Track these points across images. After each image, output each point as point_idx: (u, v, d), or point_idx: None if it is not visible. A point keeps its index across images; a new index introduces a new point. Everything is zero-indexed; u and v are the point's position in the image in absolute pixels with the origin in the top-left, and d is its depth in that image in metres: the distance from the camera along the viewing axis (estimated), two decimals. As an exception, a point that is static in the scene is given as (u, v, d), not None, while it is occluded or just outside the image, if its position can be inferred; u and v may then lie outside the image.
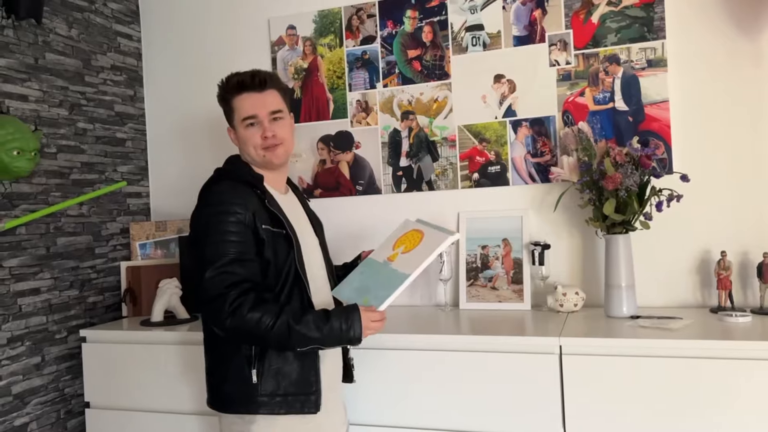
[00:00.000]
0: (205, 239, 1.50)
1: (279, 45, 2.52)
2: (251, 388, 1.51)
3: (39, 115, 2.21)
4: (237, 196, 1.54)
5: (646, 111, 2.07)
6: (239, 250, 1.49)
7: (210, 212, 1.52)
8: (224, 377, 1.56)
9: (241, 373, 1.52)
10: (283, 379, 1.52)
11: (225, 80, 1.66)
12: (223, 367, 1.57)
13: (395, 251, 1.66)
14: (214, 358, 1.60)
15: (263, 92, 1.62)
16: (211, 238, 1.49)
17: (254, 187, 1.59)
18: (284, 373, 1.53)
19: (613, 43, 2.11)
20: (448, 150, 2.30)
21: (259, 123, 1.61)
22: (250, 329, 1.44)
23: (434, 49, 2.31)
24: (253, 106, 1.61)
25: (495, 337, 1.78)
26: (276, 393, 1.52)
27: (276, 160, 1.64)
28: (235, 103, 1.63)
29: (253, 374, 1.51)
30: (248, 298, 1.44)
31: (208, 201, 1.55)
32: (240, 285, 1.45)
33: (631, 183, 1.84)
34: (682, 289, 2.06)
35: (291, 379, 1.53)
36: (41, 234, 2.20)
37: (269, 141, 1.61)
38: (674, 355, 1.62)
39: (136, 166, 2.66)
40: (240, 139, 1.64)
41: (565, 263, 2.18)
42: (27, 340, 2.13)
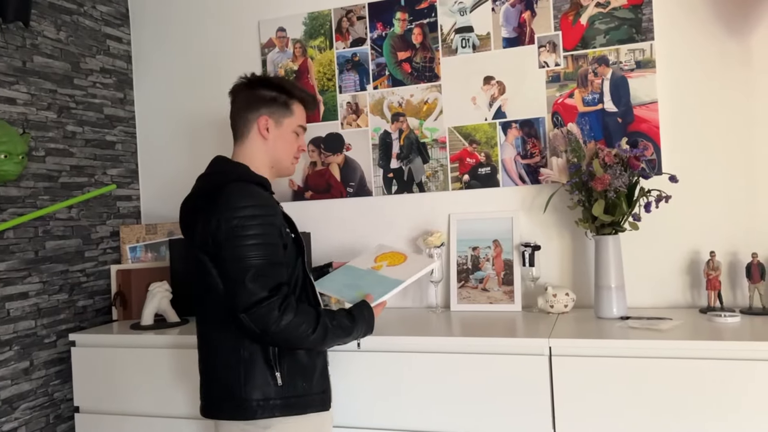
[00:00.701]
0: (243, 241, 1.46)
1: (269, 47, 2.51)
2: (277, 392, 1.51)
3: (27, 118, 2.19)
4: (269, 199, 1.56)
5: (635, 112, 2.08)
6: (277, 253, 1.49)
7: (249, 214, 1.48)
8: (246, 386, 1.51)
9: (262, 379, 1.50)
10: (305, 380, 1.55)
11: (290, 83, 1.73)
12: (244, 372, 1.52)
13: (379, 263, 1.79)
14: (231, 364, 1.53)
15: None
16: (252, 241, 1.47)
17: (267, 190, 1.61)
18: (304, 374, 1.55)
19: (601, 44, 2.12)
20: (438, 152, 2.30)
21: (302, 135, 1.73)
22: (294, 331, 1.45)
23: (424, 51, 2.31)
24: (305, 120, 1.73)
25: (485, 339, 1.78)
26: (298, 394, 1.53)
27: (292, 172, 1.74)
28: (296, 108, 1.69)
29: (277, 377, 1.51)
30: (290, 301, 1.46)
31: (243, 203, 1.49)
32: (282, 288, 1.46)
33: (619, 184, 1.84)
34: (671, 290, 2.06)
35: (313, 378, 1.57)
36: (30, 238, 2.18)
37: (299, 153, 1.72)
38: (664, 356, 1.62)
39: (126, 169, 2.65)
40: (282, 137, 1.66)
41: (556, 264, 2.18)
42: (15, 345, 2.12)
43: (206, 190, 1.57)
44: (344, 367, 1.86)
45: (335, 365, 1.81)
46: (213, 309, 1.54)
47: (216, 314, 1.53)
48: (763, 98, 1.98)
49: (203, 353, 1.60)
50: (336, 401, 1.83)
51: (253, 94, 1.65)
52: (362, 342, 1.82)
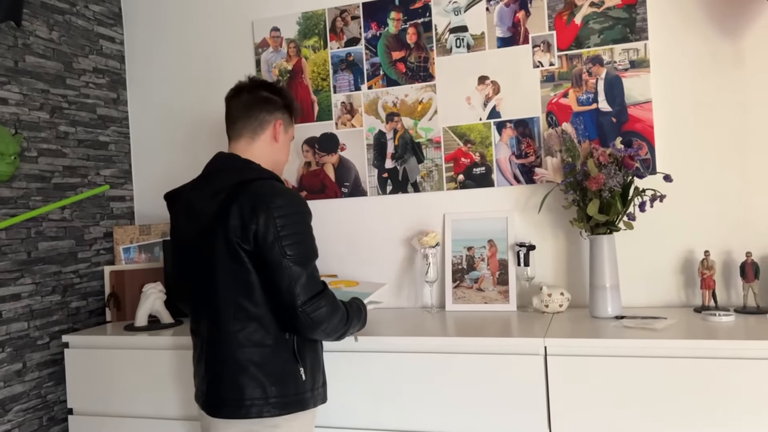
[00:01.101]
0: (301, 237, 1.55)
1: (263, 47, 2.50)
2: (302, 386, 1.57)
3: (19, 118, 2.18)
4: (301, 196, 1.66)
5: (629, 112, 2.08)
6: (316, 248, 1.61)
7: (299, 211, 1.57)
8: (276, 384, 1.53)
9: (287, 374, 1.55)
10: (318, 373, 1.64)
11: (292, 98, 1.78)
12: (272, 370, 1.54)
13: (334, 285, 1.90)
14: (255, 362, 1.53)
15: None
16: (306, 237, 1.57)
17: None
18: (317, 368, 1.64)
19: (596, 44, 2.12)
20: (433, 152, 2.30)
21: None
22: (339, 322, 1.57)
23: (418, 50, 2.31)
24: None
25: (481, 339, 1.78)
26: (314, 387, 1.61)
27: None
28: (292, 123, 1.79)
29: (301, 372, 1.57)
30: (332, 294, 1.58)
31: (287, 201, 1.54)
32: (327, 284, 1.60)
33: (614, 183, 1.85)
34: (666, 289, 2.07)
35: (321, 371, 1.66)
36: (22, 239, 2.17)
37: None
38: (658, 355, 1.62)
39: (119, 169, 2.64)
40: (285, 144, 1.75)
41: (550, 264, 2.18)
42: (8, 347, 2.10)
43: (226, 187, 1.55)
44: (339, 368, 1.85)
45: (328, 366, 1.80)
46: (243, 306, 1.52)
47: (245, 311, 1.52)
48: (756, 98, 1.99)
49: (216, 351, 1.56)
50: (331, 402, 1.83)
51: (269, 97, 1.69)
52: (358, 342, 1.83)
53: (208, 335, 1.58)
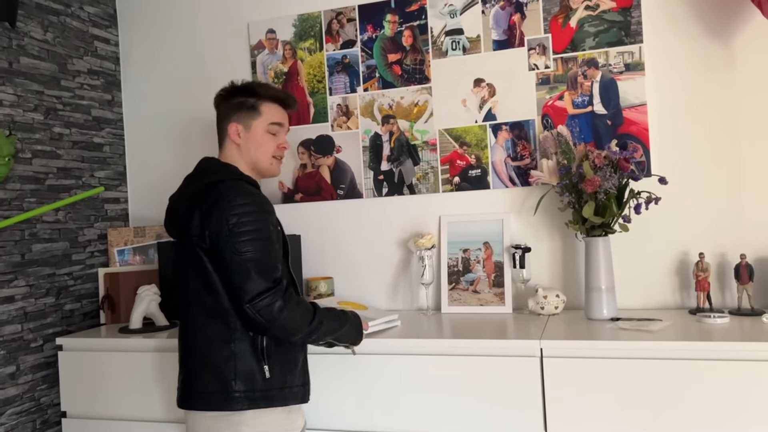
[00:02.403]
0: (244, 237, 1.52)
1: (258, 49, 2.50)
2: (266, 383, 1.56)
3: (13, 119, 2.17)
4: (262, 196, 1.61)
5: (624, 114, 2.09)
6: (273, 248, 1.56)
7: (245, 210, 1.53)
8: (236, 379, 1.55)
9: (251, 371, 1.55)
10: (288, 373, 1.60)
11: (256, 83, 1.75)
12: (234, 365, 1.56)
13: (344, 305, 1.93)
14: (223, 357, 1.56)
15: (287, 111, 1.77)
16: (252, 236, 1.53)
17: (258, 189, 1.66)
18: (288, 368, 1.60)
19: (591, 47, 2.13)
20: (429, 154, 2.30)
21: (279, 134, 1.72)
22: (294, 322, 1.52)
23: (414, 53, 2.31)
24: (282, 116, 1.73)
25: (476, 341, 1.78)
26: (283, 386, 1.58)
27: (276, 172, 1.74)
28: (264, 107, 1.70)
29: (265, 370, 1.56)
30: (291, 295, 1.54)
31: (240, 200, 1.54)
32: (281, 282, 1.53)
33: (609, 186, 1.85)
34: (661, 291, 2.07)
35: (295, 372, 1.62)
36: (16, 241, 2.16)
37: (281, 152, 1.73)
38: (654, 357, 1.63)
39: (114, 171, 2.63)
40: (254, 140, 1.68)
41: (546, 266, 2.18)
42: (1, 349, 2.09)
43: (199, 189, 1.60)
44: (336, 370, 1.85)
45: (327, 369, 1.80)
46: (207, 304, 1.57)
47: (209, 309, 1.57)
48: (747, 100, 2.00)
49: (189, 347, 1.62)
50: (327, 404, 1.84)
51: (225, 103, 1.72)
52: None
53: (182, 332, 1.65)
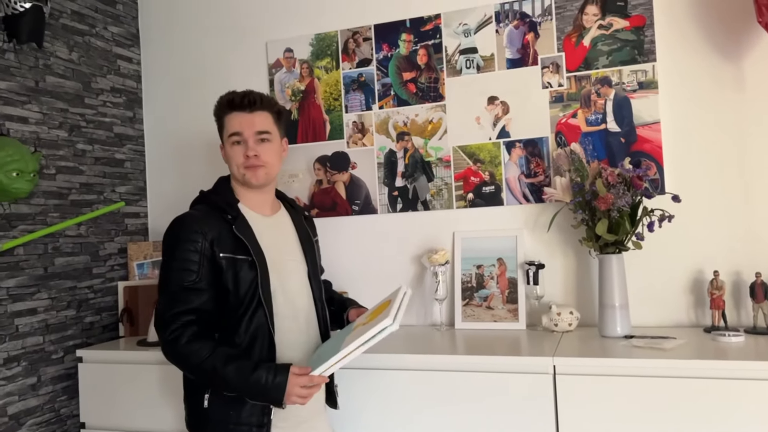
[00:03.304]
0: (166, 264, 1.56)
1: (276, 67, 2.55)
2: (204, 412, 1.55)
3: (39, 136, 2.23)
4: (198, 223, 1.57)
5: (638, 132, 2.10)
6: (192, 279, 1.52)
7: (172, 240, 1.57)
8: (189, 399, 1.61)
9: (198, 396, 1.56)
10: (233, 408, 1.53)
11: (220, 98, 1.71)
12: (189, 389, 1.62)
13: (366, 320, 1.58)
14: (184, 381, 1.64)
15: (252, 113, 1.66)
16: (171, 264, 1.55)
17: (225, 212, 1.61)
18: (235, 402, 1.52)
19: (604, 65, 2.14)
20: (443, 170, 2.32)
21: (244, 141, 1.65)
22: (183, 361, 1.50)
23: (429, 71, 2.34)
24: (240, 124, 1.65)
25: (489, 357, 1.79)
26: (227, 421, 1.53)
27: (255, 180, 1.66)
28: (225, 120, 1.68)
29: (205, 399, 1.54)
30: (188, 330, 1.49)
31: (173, 227, 1.60)
32: (185, 315, 1.50)
33: (623, 203, 1.86)
34: (675, 309, 2.07)
35: (242, 408, 1.52)
36: (39, 254, 2.21)
37: (251, 161, 1.64)
38: (668, 375, 1.62)
39: (134, 186, 2.69)
40: (227, 155, 1.70)
41: (560, 283, 2.19)
42: (23, 361, 2.14)
43: None
44: (346, 385, 1.86)
45: (336, 382, 1.81)
46: None
47: None
48: (759, 119, 2.00)
49: None
50: (338, 418, 1.84)
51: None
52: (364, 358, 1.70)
53: None
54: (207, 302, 1.54)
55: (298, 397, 1.47)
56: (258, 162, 1.64)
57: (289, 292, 1.65)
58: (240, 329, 1.56)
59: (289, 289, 1.65)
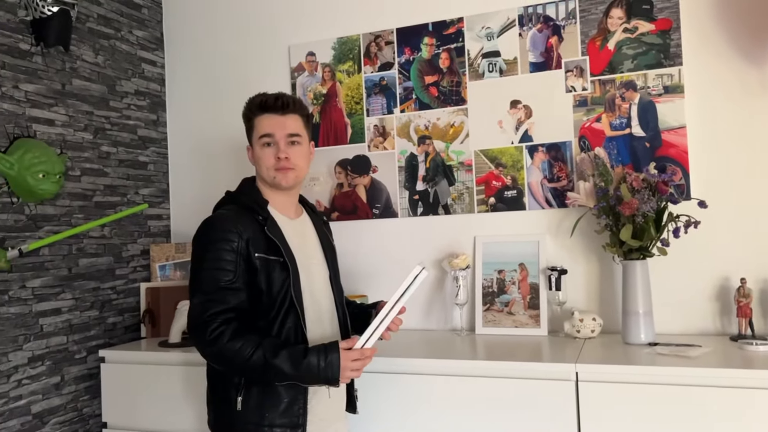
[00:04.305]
0: (199, 265, 1.55)
1: (299, 71, 2.56)
2: (236, 414, 1.53)
3: (65, 139, 2.26)
4: (233, 223, 1.56)
5: (663, 137, 2.07)
6: (229, 279, 1.51)
7: (206, 239, 1.56)
8: (217, 402, 1.59)
9: (228, 399, 1.54)
10: (268, 410, 1.52)
11: (250, 99, 1.71)
12: (216, 391, 1.60)
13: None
14: (210, 383, 1.63)
15: (284, 115, 1.66)
16: (205, 264, 1.53)
17: (256, 213, 1.61)
18: (270, 404, 1.52)
19: (629, 69, 2.12)
20: (464, 174, 2.31)
21: (275, 144, 1.65)
22: (229, 359, 1.47)
23: (451, 75, 2.34)
24: (271, 126, 1.65)
25: (511, 363, 1.77)
26: (261, 423, 1.52)
27: (285, 183, 1.66)
28: (256, 122, 1.68)
29: (238, 401, 1.52)
30: (229, 327, 1.47)
31: (206, 227, 1.59)
32: (224, 314, 1.49)
33: (647, 209, 1.83)
34: (700, 316, 2.03)
35: (277, 410, 1.52)
36: (64, 255, 2.24)
37: (281, 163, 1.64)
38: (693, 384, 1.60)
39: (157, 188, 2.71)
40: (255, 157, 1.69)
41: (582, 289, 2.16)
42: (47, 360, 2.16)
43: None
44: (365, 389, 1.86)
45: (357, 385, 1.80)
46: None
47: None
48: (794, 124, 1.96)
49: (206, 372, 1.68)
50: (356, 423, 1.83)
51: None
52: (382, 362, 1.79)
53: None
54: (244, 302, 1.53)
55: (352, 371, 1.49)
56: (288, 165, 1.64)
57: (314, 295, 1.65)
58: (273, 332, 1.55)
59: (315, 292, 1.65)
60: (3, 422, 2.00)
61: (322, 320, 1.66)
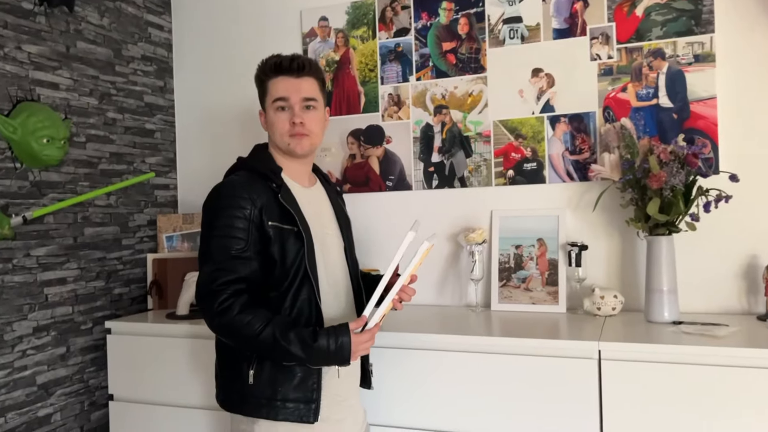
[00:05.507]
0: (209, 232, 1.48)
1: (311, 37, 2.47)
2: (248, 389, 1.47)
3: (69, 103, 2.19)
4: (246, 189, 1.49)
5: (691, 108, 1.98)
6: (240, 247, 1.45)
7: (217, 206, 1.49)
8: (227, 376, 1.53)
9: (240, 373, 1.48)
10: (281, 385, 1.47)
11: (264, 60, 1.62)
12: (227, 365, 1.54)
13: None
14: (220, 356, 1.57)
15: (300, 78, 1.58)
16: (215, 232, 1.46)
17: (269, 180, 1.54)
18: (282, 378, 1.47)
19: (658, 36, 2.02)
20: (482, 146, 2.23)
21: (290, 108, 1.57)
22: (237, 332, 1.40)
23: (470, 41, 2.24)
24: (286, 89, 1.57)
25: (529, 340, 1.71)
26: (274, 398, 1.46)
27: (299, 150, 1.58)
28: (270, 85, 1.59)
29: (250, 375, 1.46)
30: (239, 299, 1.41)
31: (218, 193, 1.52)
32: (234, 284, 1.42)
33: (677, 182, 1.75)
34: (726, 295, 1.96)
35: (291, 384, 1.47)
36: (69, 224, 2.18)
37: (297, 129, 1.56)
38: (720, 364, 1.54)
39: (164, 157, 2.64)
40: (268, 122, 1.61)
41: (603, 265, 2.09)
42: (52, 330, 2.11)
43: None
44: (380, 365, 1.81)
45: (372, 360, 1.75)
46: None
47: None
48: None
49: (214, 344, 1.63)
50: (370, 398, 1.79)
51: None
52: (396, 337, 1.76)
53: None
54: (255, 272, 1.46)
55: (363, 351, 1.45)
56: (303, 130, 1.57)
57: (329, 267, 1.59)
58: (285, 304, 1.49)
59: (329, 264, 1.59)
60: (8, 393, 1.95)
61: (338, 293, 1.60)
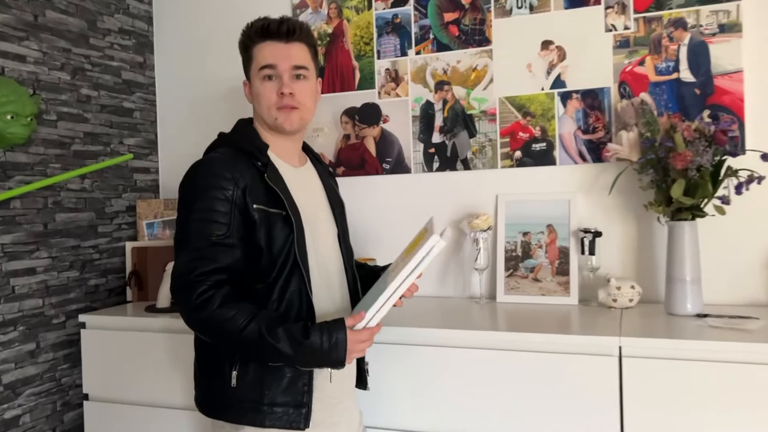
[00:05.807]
0: (186, 216, 1.31)
1: (301, 8, 2.30)
2: (231, 392, 1.31)
3: (38, 78, 2.01)
4: (228, 168, 1.33)
5: (715, 82, 1.83)
6: (222, 233, 1.29)
7: (196, 185, 1.33)
8: (207, 377, 1.38)
9: (221, 373, 1.33)
10: (268, 387, 1.31)
11: (249, 23, 1.45)
12: (207, 364, 1.38)
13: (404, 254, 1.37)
14: (199, 354, 1.41)
15: (289, 43, 1.41)
16: (194, 215, 1.30)
17: (254, 157, 1.37)
18: (269, 380, 1.31)
19: (679, 5, 1.87)
20: (487, 125, 2.07)
21: (278, 77, 1.41)
22: (217, 328, 1.25)
23: (474, 11, 2.08)
24: (273, 56, 1.40)
25: (541, 335, 1.56)
26: (260, 402, 1.31)
27: (288, 126, 1.42)
28: (255, 51, 1.42)
29: (233, 376, 1.31)
30: (220, 291, 1.25)
31: (196, 172, 1.35)
32: (214, 274, 1.26)
33: (704, 161, 1.60)
34: (754, 286, 1.82)
35: (279, 387, 1.32)
36: (38, 209, 2.01)
37: (285, 100, 1.40)
38: (753, 361, 1.40)
39: (144, 139, 2.46)
40: (253, 93, 1.44)
41: (618, 253, 1.95)
42: (20, 325, 1.95)
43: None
44: (377, 362, 1.66)
45: (368, 359, 1.60)
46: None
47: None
48: None
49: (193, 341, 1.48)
50: (368, 398, 1.65)
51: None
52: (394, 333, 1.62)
53: None
54: (238, 261, 1.30)
55: (359, 352, 1.29)
56: (293, 102, 1.40)
57: (321, 256, 1.42)
58: (272, 297, 1.33)
59: (321, 252, 1.43)
60: (-30, 393, 1.79)
61: (330, 284, 1.44)
